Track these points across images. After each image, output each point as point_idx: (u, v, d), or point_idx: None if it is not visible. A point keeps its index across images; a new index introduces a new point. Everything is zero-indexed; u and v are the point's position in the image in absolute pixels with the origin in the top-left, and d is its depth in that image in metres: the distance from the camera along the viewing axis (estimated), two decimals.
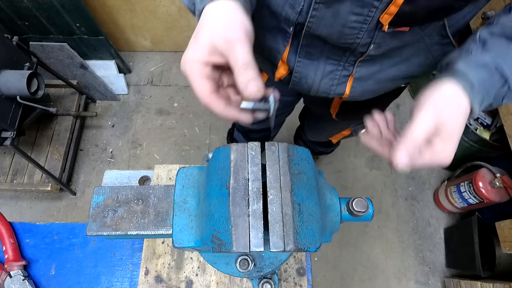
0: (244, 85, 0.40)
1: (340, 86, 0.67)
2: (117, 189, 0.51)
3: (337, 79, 0.66)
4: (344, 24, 0.53)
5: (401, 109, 2.12)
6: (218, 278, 0.70)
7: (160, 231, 0.48)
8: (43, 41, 1.81)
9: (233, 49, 0.41)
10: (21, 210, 1.88)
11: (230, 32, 0.41)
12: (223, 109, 0.43)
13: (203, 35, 0.42)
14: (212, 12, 0.43)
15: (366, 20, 0.51)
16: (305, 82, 0.69)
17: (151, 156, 2.01)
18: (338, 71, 0.65)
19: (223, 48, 0.41)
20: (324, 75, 0.66)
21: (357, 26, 0.53)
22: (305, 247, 0.38)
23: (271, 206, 0.39)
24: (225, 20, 0.42)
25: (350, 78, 0.65)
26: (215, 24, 0.42)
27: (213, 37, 0.42)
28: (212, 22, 0.43)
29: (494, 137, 1.61)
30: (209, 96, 0.42)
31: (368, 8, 0.49)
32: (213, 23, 0.43)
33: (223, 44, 0.41)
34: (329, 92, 0.69)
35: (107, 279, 0.74)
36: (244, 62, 0.40)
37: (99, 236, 0.57)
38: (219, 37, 0.41)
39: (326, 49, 0.61)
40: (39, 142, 1.84)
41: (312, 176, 0.43)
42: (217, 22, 0.42)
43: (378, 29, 0.53)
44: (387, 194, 1.90)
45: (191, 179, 0.49)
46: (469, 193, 1.55)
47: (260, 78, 0.41)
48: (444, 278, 1.70)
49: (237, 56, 0.41)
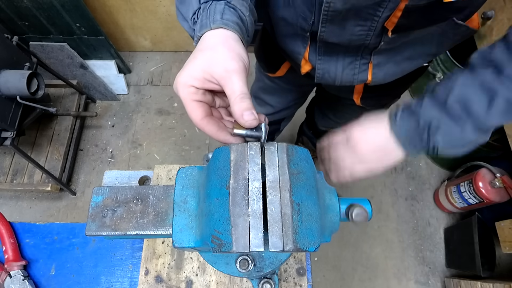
0: (240, 114, 0.42)
1: (362, 73, 0.71)
2: (116, 189, 0.51)
3: (358, 67, 0.70)
4: (352, 33, 0.58)
5: None
6: (218, 278, 0.70)
7: (159, 231, 0.48)
8: (43, 41, 1.81)
9: (231, 79, 0.42)
10: (21, 210, 1.88)
11: (228, 63, 0.42)
12: (215, 133, 0.45)
13: (201, 60, 0.43)
14: (213, 40, 0.44)
15: (371, 29, 0.56)
16: (328, 76, 0.73)
17: (151, 156, 2.01)
18: (357, 61, 0.68)
19: (220, 77, 0.42)
20: (344, 66, 0.70)
21: (364, 33, 0.57)
22: (304, 247, 0.38)
23: (270, 206, 0.39)
24: (225, 50, 0.43)
25: (370, 65, 0.69)
26: (215, 52, 0.43)
27: (211, 65, 0.43)
28: (211, 50, 0.43)
29: (494, 137, 1.61)
30: (201, 120, 0.43)
31: (370, 20, 0.54)
32: (213, 51, 0.43)
33: (220, 73, 0.42)
34: (352, 81, 0.73)
35: (107, 279, 0.74)
36: (241, 92, 0.42)
37: (99, 236, 0.58)
38: (217, 66, 0.42)
39: (342, 48, 0.65)
40: (39, 142, 1.84)
41: (311, 176, 0.43)
42: (217, 51, 0.43)
43: (385, 32, 0.57)
44: (387, 194, 1.90)
45: (191, 179, 0.49)
46: (469, 193, 1.55)
47: (254, 108, 0.42)
48: (444, 278, 1.70)
49: (234, 87, 0.42)
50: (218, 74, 0.42)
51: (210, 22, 0.45)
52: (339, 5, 0.51)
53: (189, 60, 0.45)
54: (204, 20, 0.46)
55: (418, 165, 1.97)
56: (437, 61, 1.78)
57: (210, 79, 0.43)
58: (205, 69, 0.43)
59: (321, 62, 0.71)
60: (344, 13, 0.53)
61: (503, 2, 1.35)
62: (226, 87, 0.42)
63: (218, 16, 0.46)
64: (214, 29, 0.45)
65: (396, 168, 1.97)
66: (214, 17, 0.46)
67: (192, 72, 0.43)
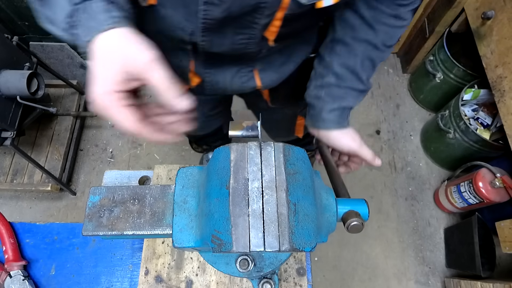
0: (176, 102, 0.42)
1: (250, 81, 0.71)
2: (113, 189, 0.51)
3: (245, 75, 0.70)
4: (233, 42, 0.57)
5: (401, 109, 2.12)
6: (218, 278, 0.70)
7: (156, 231, 0.48)
8: (43, 41, 1.81)
9: (154, 69, 0.41)
10: (21, 210, 1.88)
11: (144, 54, 0.41)
12: (154, 135, 0.44)
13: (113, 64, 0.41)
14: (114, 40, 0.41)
15: (252, 37, 0.56)
16: (218, 86, 0.72)
17: (151, 156, 2.01)
18: (243, 69, 0.69)
19: (139, 71, 0.41)
20: (232, 75, 0.70)
21: (245, 42, 0.57)
22: (301, 247, 0.38)
23: (266, 206, 0.39)
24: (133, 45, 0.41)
25: (255, 72, 0.70)
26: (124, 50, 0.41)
27: (127, 62, 0.41)
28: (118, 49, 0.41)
29: (494, 137, 1.61)
30: (136, 125, 0.42)
31: (250, 28, 0.54)
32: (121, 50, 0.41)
33: (142, 67, 0.41)
34: (243, 89, 0.73)
35: (107, 279, 0.74)
36: (169, 79, 0.41)
37: (98, 236, 0.58)
38: (134, 61, 0.41)
39: (226, 58, 0.64)
40: (39, 142, 1.84)
41: (308, 176, 0.43)
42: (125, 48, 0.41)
43: (265, 41, 0.57)
44: (387, 194, 1.90)
45: (191, 179, 0.49)
46: (469, 193, 1.55)
47: None
48: (444, 278, 1.70)
49: (161, 75, 0.41)
50: (140, 68, 0.41)
51: (98, 24, 0.41)
52: (217, 12, 0.49)
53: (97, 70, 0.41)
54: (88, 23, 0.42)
55: (418, 165, 1.97)
56: (437, 61, 1.78)
57: (131, 77, 0.41)
58: (123, 69, 0.41)
59: (208, 74, 0.69)
60: (222, 21, 0.51)
61: (503, 2, 1.35)
62: (152, 78, 0.41)
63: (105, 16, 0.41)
64: (107, 30, 0.41)
65: (396, 168, 1.97)
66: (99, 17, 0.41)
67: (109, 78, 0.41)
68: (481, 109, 1.69)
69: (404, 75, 2.22)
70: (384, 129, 2.07)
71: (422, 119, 2.08)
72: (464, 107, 1.68)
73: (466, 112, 1.67)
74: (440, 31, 1.79)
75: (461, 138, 1.64)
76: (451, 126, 1.69)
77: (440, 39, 1.79)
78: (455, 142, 1.70)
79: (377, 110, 2.13)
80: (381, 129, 2.08)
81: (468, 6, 1.57)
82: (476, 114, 1.68)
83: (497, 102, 1.36)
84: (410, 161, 1.98)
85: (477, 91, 1.62)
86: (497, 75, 1.36)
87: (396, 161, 1.99)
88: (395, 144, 2.03)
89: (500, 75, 1.34)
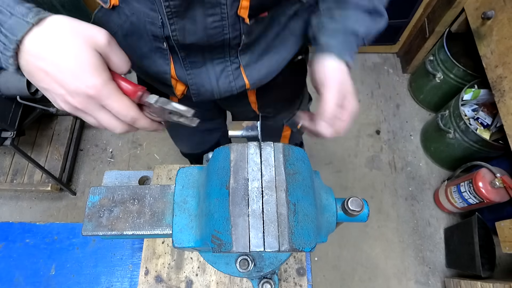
0: None
1: (238, 79, 0.67)
2: (113, 189, 0.51)
3: (231, 74, 0.66)
4: (205, 26, 0.53)
5: (401, 109, 2.12)
6: (218, 278, 0.70)
7: (155, 231, 0.48)
8: None
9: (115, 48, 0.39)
10: (21, 210, 1.88)
11: (101, 33, 0.38)
12: (151, 124, 0.44)
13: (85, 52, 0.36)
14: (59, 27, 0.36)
15: (224, 18, 0.52)
16: (204, 90, 0.68)
17: (151, 156, 2.01)
18: (228, 67, 0.65)
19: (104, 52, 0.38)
20: (218, 76, 0.66)
21: (219, 25, 0.53)
22: (300, 247, 0.38)
23: (266, 206, 0.39)
24: (83, 24, 0.37)
25: (241, 68, 0.66)
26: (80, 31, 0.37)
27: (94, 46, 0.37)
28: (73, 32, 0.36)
29: (494, 137, 1.61)
30: (138, 110, 0.41)
31: (219, 6, 0.50)
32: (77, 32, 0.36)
33: (108, 46, 0.38)
34: (231, 90, 0.68)
35: (107, 279, 0.74)
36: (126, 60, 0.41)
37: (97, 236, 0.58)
38: (99, 42, 0.37)
39: (206, 52, 0.60)
40: (39, 142, 1.84)
41: (307, 176, 0.43)
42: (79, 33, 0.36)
43: (241, 22, 0.54)
44: (387, 194, 1.90)
45: (191, 179, 0.49)
46: (469, 193, 1.55)
47: None
48: (444, 278, 1.70)
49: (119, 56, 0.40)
50: (103, 48, 0.38)
51: (24, 17, 0.35)
52: None
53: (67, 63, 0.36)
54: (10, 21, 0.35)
55: (418, 165, 1.97)
56: (437, 61, 1.78)
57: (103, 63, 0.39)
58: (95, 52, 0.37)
59: (192, 77, 0.64)
60: (188, 1, 0.48)
61: (503, 2, 1.35)
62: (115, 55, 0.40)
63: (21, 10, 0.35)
64: (37, 24, 0.35)
65: (396, 168, 1.97)
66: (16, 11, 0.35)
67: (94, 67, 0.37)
68: (481, 109, 1.69)
69: (404, 75, 2.22)
70: (384, 129, 2.07)
71: (422, 119, 2.08)
72: (464, 107, 1.68)
73: (466, 112, 1.67)
74: (440, 31, 1.79)
75: (461, 138, 1.64)
76: (451, 126, 1.69)
77: (440, 39, 1.79)
78: (455, 142, 1.70)
79: (377, 110, 2.13)
80: (381, 129, 2.08)
81: (468, 6, 1.57)
82: (476, 114, 1.68)
83: (497, 102, 1.36)
84: (410, 161, 1.98)
85: (477, 91, 1.62)
86: (497, 75, 1.36)
87: (396, 161, 1.99)
88: (395, 144, 2.03)
89: (500, 75, 1.34)
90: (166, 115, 0.44)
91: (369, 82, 2.20)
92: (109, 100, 0.39)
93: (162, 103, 0.43)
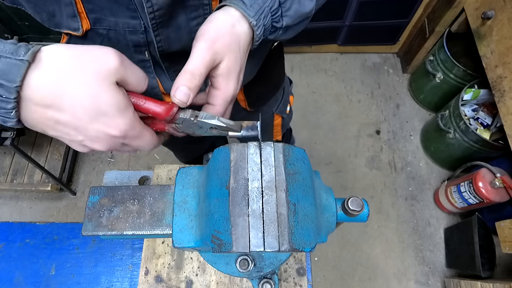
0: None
1: None
2: (113, 189, 0.51)
3: None
4: (190, 31, 0.50)
5: (401, 109, 2.12)
6: (218, 278, 0.70)
7: (155, 231, 0.48)
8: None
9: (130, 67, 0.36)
10: (21, 210, 1.88)
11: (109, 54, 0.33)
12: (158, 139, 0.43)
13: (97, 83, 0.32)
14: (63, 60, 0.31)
15: None
16: None
17: (151, 156, 2.01)
18: None
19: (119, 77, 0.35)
20: None
21: None
22: (300, 247, 0.38)
23: (266, 206, 0.39)
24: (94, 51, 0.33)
25: None
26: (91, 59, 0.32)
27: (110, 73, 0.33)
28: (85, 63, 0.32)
29: (494, 137, 1.61)
30: (158, 141, 0.41)
31: (202, 8, 0.48)
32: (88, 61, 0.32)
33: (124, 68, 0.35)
34: None
35: (107, 279, 0.74)
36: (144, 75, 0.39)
37: (97, 236, 0.58)
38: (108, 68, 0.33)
39: None
40: (39, 142, 1.84)
41: (307, 176, 0.43)
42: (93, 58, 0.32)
43: None
44: (387, 194, 1.90)
45: (191, 179, 0.49)
46: (469, 193, 1.55)
47: None
48: (444, 278, 1.70)
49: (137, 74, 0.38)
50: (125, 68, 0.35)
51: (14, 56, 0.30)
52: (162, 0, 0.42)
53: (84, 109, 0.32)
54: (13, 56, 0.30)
55: (418, 165, 1.97)
56: (437, 61, 1.78)
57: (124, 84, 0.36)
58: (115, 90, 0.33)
59: None
60: (171, 8, 0.45)
61: (503, 2, 1.35)
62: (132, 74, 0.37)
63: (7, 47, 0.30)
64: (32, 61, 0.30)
65: (396, 168, 1.97)
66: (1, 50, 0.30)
67: (114, 106, 0.33)
68: (481, 109, 1.69)
69: (404, 75, 2.22)
70: (384, 129, 2.07)
71: (422, 119, 2.08)
72: (464, 107, 1.68)
73: (466, 112, 1.67)
74: (440, 31, 1.79)
75: (461, 138, 1.64)
76: (451, 126, 1.69)
77: (440, 39, 1.79)
78: (455, 142, 1.70)
79: (377, 110, 2.13)
80: (381, 129, 2.08)
81: (468, 6, 1.57)
82: (476, 114, 1.68)
83: (497, 102, 1.36)
84: (410, 161, 1.98)
85: (477, 91, 1.62)
86: (497, 75, 1.36)
87: (396, 161, 1.99)
88: (395, 144, 2.03)
89: (500, 75, 1.34)
90: (198, 129, 0.40)
91: (369, 82, 2.20)
92: (134, 141, 0.38)
93: (207, 118, 0.40)
